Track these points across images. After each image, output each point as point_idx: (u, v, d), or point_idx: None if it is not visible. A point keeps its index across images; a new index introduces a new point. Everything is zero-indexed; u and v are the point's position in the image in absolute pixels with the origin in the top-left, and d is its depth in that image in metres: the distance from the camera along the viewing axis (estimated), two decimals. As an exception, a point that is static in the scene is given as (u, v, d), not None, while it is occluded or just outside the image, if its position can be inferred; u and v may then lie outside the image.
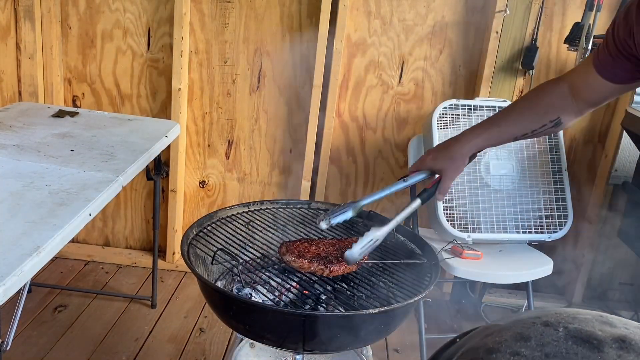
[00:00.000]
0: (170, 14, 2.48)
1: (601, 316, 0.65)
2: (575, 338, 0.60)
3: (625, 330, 0.61)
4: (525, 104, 1.33)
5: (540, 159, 2.25)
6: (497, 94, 2.47)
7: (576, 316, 0.64)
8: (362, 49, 2.50)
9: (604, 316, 0.65)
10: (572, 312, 0.67)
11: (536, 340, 0.60)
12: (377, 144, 2.62)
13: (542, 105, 1.29)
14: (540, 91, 1.32)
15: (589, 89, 1.22)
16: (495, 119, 1.36)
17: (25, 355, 2.09)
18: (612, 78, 1.17)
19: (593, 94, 1.23)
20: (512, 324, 0.65)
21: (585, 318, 0.64)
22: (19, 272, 1.09)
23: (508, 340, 0.61)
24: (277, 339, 1.34)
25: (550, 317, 0.65)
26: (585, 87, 1.22)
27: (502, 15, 2.36)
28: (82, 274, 2.68)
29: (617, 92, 1.22)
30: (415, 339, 2.27)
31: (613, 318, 0.64)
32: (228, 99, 2.60)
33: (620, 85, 1.19)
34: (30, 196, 1.42)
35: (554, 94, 1.28)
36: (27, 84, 2.51)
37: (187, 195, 2.76)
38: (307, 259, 1.42)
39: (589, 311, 0.68)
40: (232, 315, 1.34)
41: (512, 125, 1.32)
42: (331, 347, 1.37)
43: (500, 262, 2.16)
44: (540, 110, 1.29)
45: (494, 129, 1.34)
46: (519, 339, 0.61)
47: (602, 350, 0.58)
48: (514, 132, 1.32)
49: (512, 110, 1.35)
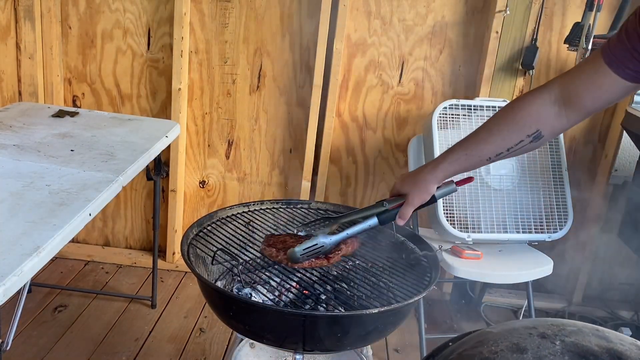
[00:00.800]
0: (170, 14, 2.48)
1: (597, 330, 0.64)
2: (572, 353, 0.59)
3: (621, 346, 0.61)
4: (497, 120, 1.22)
5: (540, 159, 2.24)
6: (497, 94, 2.47)
7: (573, 329, 0.64)
8: (362, 49, 2.50)
9: (600, 330, 0.65)
10: (568, 324, 0.67)
11: (532, 353, 0.60)
12: (377, 144, 2.62)
13: (517, 119, 1.18)
14: (514, 105, 1.20)
15: (592, 92, 1.12)
16: (464, 140, 1.26)
17: (25, 355, 2.09)
18: (626, 75, 1.07)
19: (596, 98, 1.12)
20: (507, 333, 0.64)
21: (582, 331, 0.63)
22: (19, 272, 1.09)
23: (504, 350, 0.61)
24: (277, 339, 1.34)
25: (546, 328, 0.64)
26: (587, 89, 1.12)
27: (502, 15, 2.36)
28: (82, 274, 2.68)
29: (623, 92, 1.11)
30: (415, 339, 2.27)
31: (609, 333, 0.64)
32: (228, 99, 2.60)
33: (630, 85, 1.09)
34: (30, 196, 1.42)
35: (533, 104, 1.17)
36: (27, 84, 2.51)
37: (187, 195, 2.76)
38: (276, 248, 1.43)
39: (585, 324, 0.67)
40: (232, 315, 1.34)
41: (484, 145, 1.22)
42: (331, 347, 1.37)
43: (500, 262, 2.16)
44: (516, 125, 1.18)
45: (461, 152, 1.25)
46: (515, 350, 0.61)
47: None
48: (485, 152, 1.22)
49: (483, 129, 1.24)
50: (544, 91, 1.17)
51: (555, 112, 1.16)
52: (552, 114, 1.16)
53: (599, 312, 2.71)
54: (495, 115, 1.23)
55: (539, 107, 1.16)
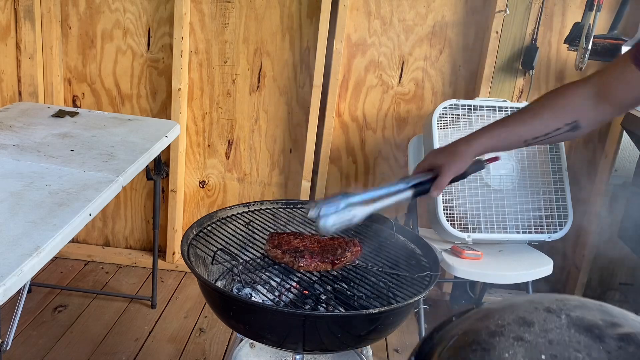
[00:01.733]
0: (170, 14, 2.48)
1: (601, 305, 0.65)
2: (578, 326, 0.60)
3: (624, 321, 0.61)
4: (540, 104, 1.25)
5: (540, 159, 2.25)
6: (497, 94, 2.47)
7: (577, 304, 0.65)
8: (362, 49, 2.50)
9: (604, 306, 0.65)
10: (572, 299, 0.67)
11: (539, 326, 0.60)
12: (377, 144, 2.62)
13: (558, 106, 1.21)
14: (558, 92, 1.24)
15: (622, 87, 1.15)
16: (506, 119, 1.29)
17: (25, 355, 2.09)
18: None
19: (627, 93, 1.15)
20: (512, 307, 0.65)
21: (586, 306, 0.64)
22: (19, 272, 1.09)
23: (511, 324, 0.61)
24: (277, 339, 1.34)
25: (551, 303, 0.65)
26: (618, 85, 1.15)
27: (502, 15, 2.36)
28: (82, 274, 2.68)
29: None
30: (415, 339, 2.27)
31: (613, 309, 0.65)
32: (228, 99, 2.60)
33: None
34: (30, 196, 1.42)
35: (575, 95, 1.20)
36: (27, 84, 2.51)
37: (187, 195, 2.76)
38: (281, 250, 1.42)
39: (588, 300, 0.68)
40: (232, 315, 1.34)
41: (523, 126, 1.24)
42: (331, 347, 1.37)
43: (500, 262, 2.16)
44: (556, 112, 1.20)
45: (502, 129, 1.27)
46: (521, 323, 0.61)
47: (603, 340, 0.58)
48: (524, 134, 1.24)
49: (526, 111, 1.26)
50: (584, 84, 1.21)
51: (592, 104, 1.19)
52: (589, 106, 1.19)
53: (599, 312, 2.70)
54: (539, 98, 1.26)
55: (578, 98, 1.20)
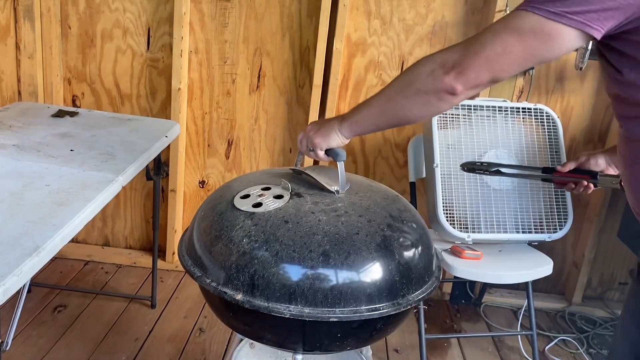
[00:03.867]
0: (170, 14, 2.47)
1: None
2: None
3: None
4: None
5: (540, 158, 2.24)
6: (497, 94, 2.47)
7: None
8: (362, 48, 2.50)
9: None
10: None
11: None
12: (377, 144, 2.62)
13: None
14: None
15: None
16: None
17: (25, 355, 2.09)
18: None
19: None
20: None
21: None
22: (19, 272, 1.09)
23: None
24: (277, 339, 1.34)
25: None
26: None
27: (502, 15, 2.35)
28: (82, 273, 2.68)
29: None
30: (415, 339, 2.27)
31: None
32: (228, 98, 2.60)
33: None
34: (30, 196, 1.42)
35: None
36: (27, 83, 2.51)
37: (187, 195, 2.75)
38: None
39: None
40: (232, 315, 1.34)
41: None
42: (331, 347, 1.37)
43: (500, 262, 2.15)
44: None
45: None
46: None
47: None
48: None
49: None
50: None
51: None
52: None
53: (599, 312, 2.71)
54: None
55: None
